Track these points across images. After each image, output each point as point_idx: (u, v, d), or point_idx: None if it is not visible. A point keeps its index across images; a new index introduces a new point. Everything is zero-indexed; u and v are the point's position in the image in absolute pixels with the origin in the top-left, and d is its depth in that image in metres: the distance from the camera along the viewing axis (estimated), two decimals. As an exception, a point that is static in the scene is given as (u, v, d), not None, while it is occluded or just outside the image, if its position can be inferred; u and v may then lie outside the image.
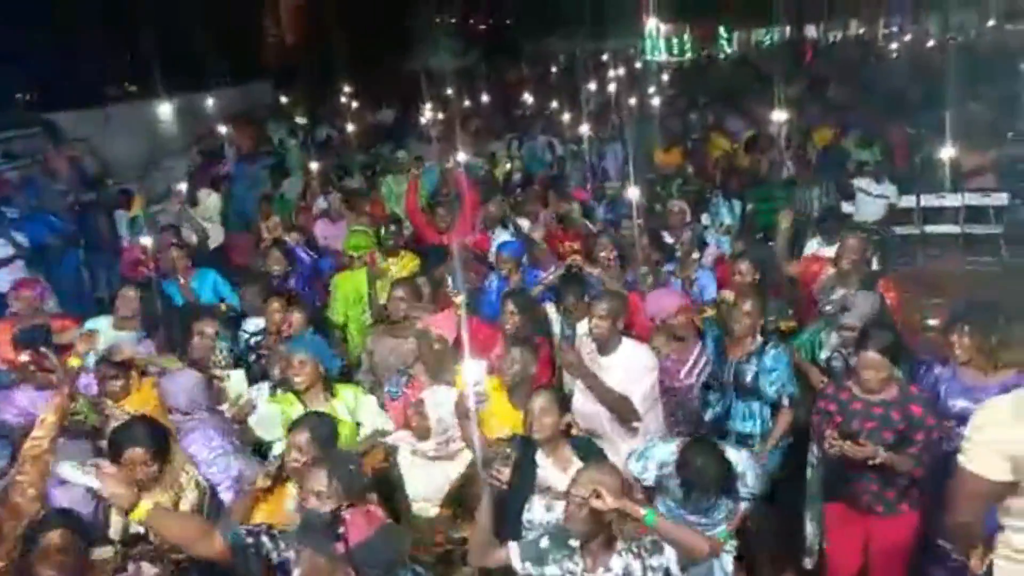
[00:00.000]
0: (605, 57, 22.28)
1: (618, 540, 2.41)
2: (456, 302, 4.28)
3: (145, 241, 5.42)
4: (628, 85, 16.20)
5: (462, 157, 9.20)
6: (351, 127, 12.62)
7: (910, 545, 3.21)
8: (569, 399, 3.28)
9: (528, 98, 16.21)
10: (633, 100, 13.77)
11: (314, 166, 9.03)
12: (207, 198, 8.28)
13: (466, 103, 16.61)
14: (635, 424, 3.43)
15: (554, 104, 14.69)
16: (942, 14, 23.94)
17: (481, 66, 22.11)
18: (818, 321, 4.34)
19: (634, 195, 6.60)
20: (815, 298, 4.48)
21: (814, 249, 5.33)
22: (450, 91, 16.51)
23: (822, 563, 3.56)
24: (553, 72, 21.71)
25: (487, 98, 17.17)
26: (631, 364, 3.52)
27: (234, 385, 3.89)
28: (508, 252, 5.06)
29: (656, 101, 13.29)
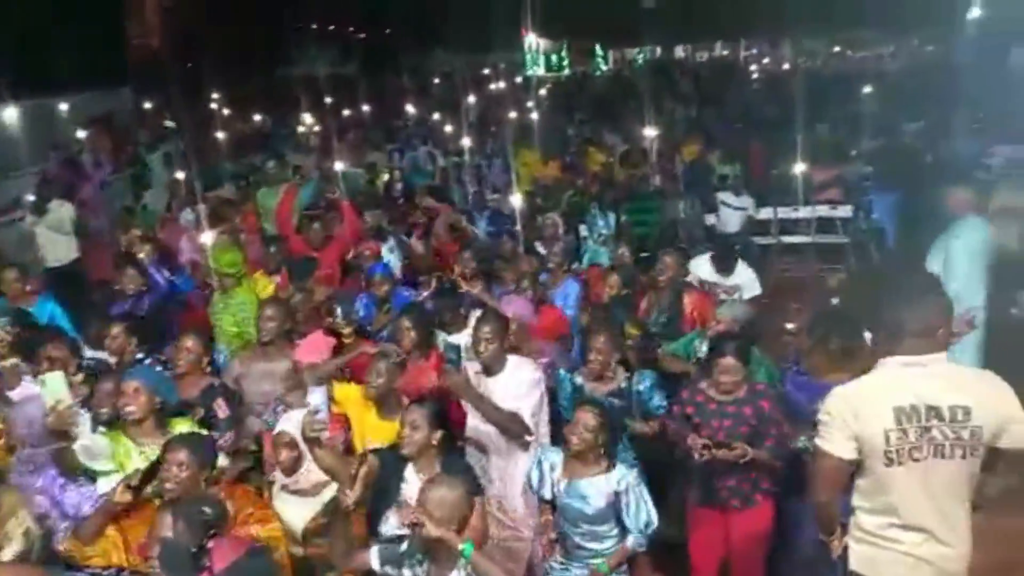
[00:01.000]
0: (486, 70, 22.60)
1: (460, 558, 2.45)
2: (345, 333, 4.23)
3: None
4: (509, 98, 16.49)
5: (341, 168, 9.06)
6: (222, 135, 12.11)
7: (767, 533, 3.43)
8: (444, 414, 3.26)
9: (409, 109, 16.15)
10: (513, 113, 14.03)
11: (180, 176, 8.57)
12: (59, 208, 7.67)
13: (345, 113, 16.33)
14: (528, 439, 3.46)
15: (436, 116, 14.73)
16: (795, 40, 25.97)
17: (360, 76, 21.81)
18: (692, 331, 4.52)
19: (516, 206, 6.75)
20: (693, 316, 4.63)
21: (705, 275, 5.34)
22: (329, 100, 16.20)
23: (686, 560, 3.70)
24: (434, 83, 21.75)
25: (367, 108, 16.95)
26: (519, 380, 3.54)
27: (50, 390, 3.28)
28: (380, 274, 5.05)
29: (536, 115, 13.58)
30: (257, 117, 16.99)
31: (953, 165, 9.46)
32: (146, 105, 16.56)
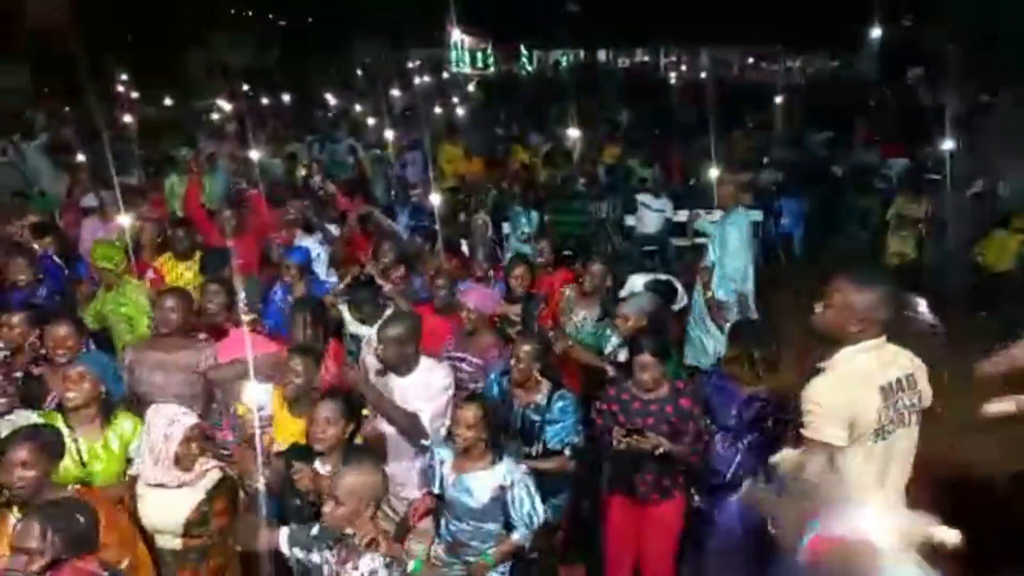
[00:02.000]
0: (411, 64, 22.36)
1: (374, 544, 2.42)
2: (245, 321, 4.07)
3: None
4: (433, 93, 16.37)
5: (256, 156, 8.76)
6: (129, 119, 11.52)
7: (680, 525, 3.51)
8: (356, 407, 3.16)
9: (330, 100, 15.80)
10: (438, 108, 13.93)
11: (81, 159, 8.09)
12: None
13: (265, 102, 15.83)
14: (423, 442, 3.35)
15: (358, 108, 14.46)
16: (711, 49, 26.89)
17: (281, 65, 21.19)
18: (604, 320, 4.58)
19: (436, 203, 6.66)
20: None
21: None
22: (246, 88, 15.67)
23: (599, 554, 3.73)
24: (358, 76, 21.37)
25: (288, 98, 16.49)
26: (428, 383, 3.43)
27: None
28: (294, 259, 4.90)
29: (460, 111, 13.52)
30: (168, 102, 16.25)
31: (856, 174, 10.04)
32: (44, 88, 15.57)
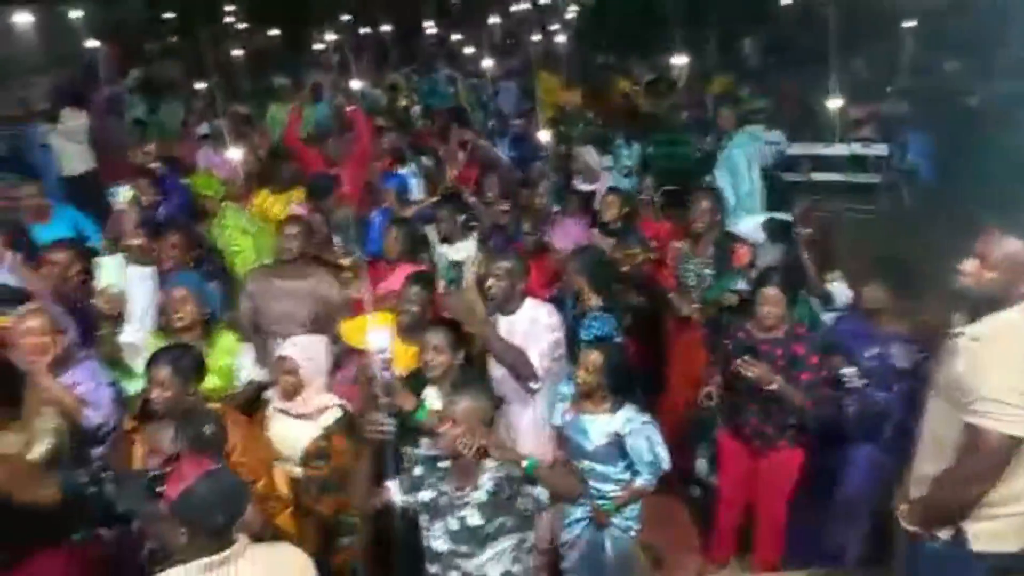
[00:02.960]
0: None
1: (489, 459, 2.36)
2: (345, 265, 4.17)
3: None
4: (531, 22, 15.92)
5: (358, 86, 8.79)
6: (239, 51, 11.78)
7: (791, 481, 3.36)
8: (465, 336, 3.12)
9: (429, 30, 15.65)
10: (536, 37, 13.56)
11: (198, 87, 8.35)
12: (71, 118, 7.49)
13: (364, 31, 15.85)
14: (533, 385, 3.18)
15: (455, 38, 14.26)
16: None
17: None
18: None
19: (544, 137, 6.59)
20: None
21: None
22: (348, 18, 15.71)
23: (710, 494, 3.71)
24: (454, 4, 21.01)
25: (387, 28, 16.42)
26: (535, 318, 3.26)
27: (105, 272, 3.48)
28: (392, 185, 4.93)
29: (559, 39, 13.11)
30: (275, 33, 16.52)
31: (997, 107, 9.09)
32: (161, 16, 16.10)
